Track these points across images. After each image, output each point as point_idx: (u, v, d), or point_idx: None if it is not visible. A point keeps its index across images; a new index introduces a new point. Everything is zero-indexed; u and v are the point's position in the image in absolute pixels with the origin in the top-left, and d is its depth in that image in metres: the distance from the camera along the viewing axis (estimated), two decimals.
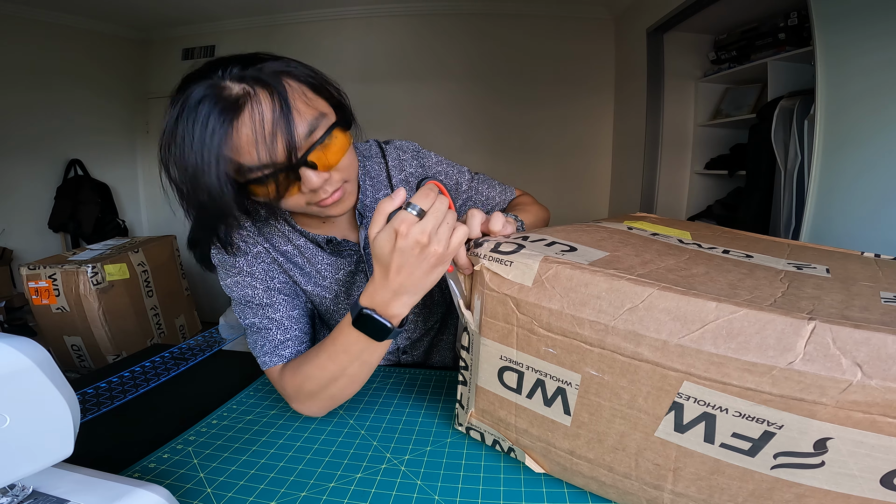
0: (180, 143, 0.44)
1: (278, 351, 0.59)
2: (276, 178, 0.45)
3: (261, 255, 0.60)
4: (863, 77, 1.25)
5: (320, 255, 0.63)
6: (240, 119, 0.43)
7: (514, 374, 0.42)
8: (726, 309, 0.31)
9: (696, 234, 0.53)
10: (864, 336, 0.27)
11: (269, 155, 0.43)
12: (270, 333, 0.59)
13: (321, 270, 0.64)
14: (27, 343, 0.31)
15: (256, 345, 0.60)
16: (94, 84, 2.77)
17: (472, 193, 0.71)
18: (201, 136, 0.42)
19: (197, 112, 0.43)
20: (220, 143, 0.42)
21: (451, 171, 0.70)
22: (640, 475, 0.37)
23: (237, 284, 0.59)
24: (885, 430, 0.27)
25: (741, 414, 0.31)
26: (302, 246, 0.62)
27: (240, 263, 0.59)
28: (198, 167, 0.43)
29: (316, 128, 0.46)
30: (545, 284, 0.38)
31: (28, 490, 0.34)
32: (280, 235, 0.61)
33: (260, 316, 0.60)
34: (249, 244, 0.60)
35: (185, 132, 0.43)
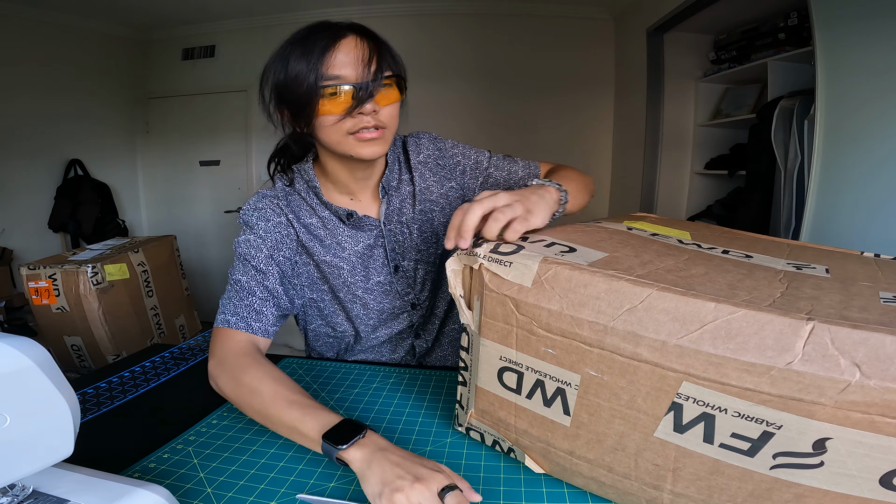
0: (290, 56, 0.56)
1: (247, 319, 0.62)
2: (349, 93, 0.56)
3: (281, 225, 0.66)
4: (863, 77, 1.25)
5: (341, 228, 0.68)
6: (343, 40, 0.56)
7: (514, 375, 0.42)
8: (725, 309, 0.31)
9: (696, 235, 0.53)
10: (863, 336, 0.27)
11: (355, 73, 0.56)
12: (250, 299, 0.62)
13: (341, 242, 0.68)
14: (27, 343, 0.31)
15: (230, 301, 0.63)
16: (95, 84, 2.77)
17: (492, 170, 0.74)
18: (310, 47, 0.55)
19: (309, 33, 0.57)
20: (323, 52, 0.55)
21: (468, 152, 0.74)
22: (639, 475, 0.37)
23: (246, 242, 0.65)
24: (884, 430, 0.27)
25: (740, 414, 0.31)
26: (325, 218, 0.68)
27: (259, 226, 0.65)
28: (300, 70, 0.55)
29: (386, 73, 0.58)
30: (544, 285, 0.38)
31: (28, 490, 0.35)
32: (307, 208, 0.68)
33: (249, 277, 0.63)
34: (275, 212, 0.66)
35: (297, 47, 0.56)
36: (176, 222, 3.10)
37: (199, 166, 3.08)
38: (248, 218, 0.66)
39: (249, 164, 3.01)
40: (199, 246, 3.14)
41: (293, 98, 0.57)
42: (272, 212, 0.66)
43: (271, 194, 0.68)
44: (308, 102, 0.56)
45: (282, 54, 0.58)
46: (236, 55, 2.92)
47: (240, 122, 2.97)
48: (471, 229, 0.43)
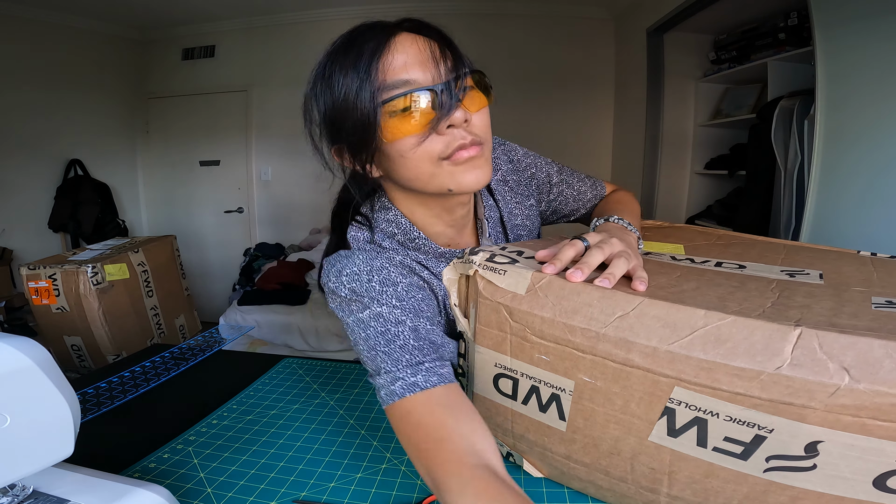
0: (332, 72, 0.43)
1: (437, 369, 0.43)
2: (428, 101, 0.41)
3: (414, 287, 0.48)
4: (863, 77, 1.25)
5: None
6: (398, 37, 0.42)
7: (509, 381, 0.42)
8: (715, 316, 0.31)
9: (690, 248, 0.53)
10: (850, 341, 0.27)
11: (428, 75, 0.42)
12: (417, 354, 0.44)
13: None
14: (27, 343, 0.31)
15: (390, 359, 0.44)
16: (95, 84, 2.77)
17: (563, 187, 0.65)
18: (357, 54, 0.41)
19: (351, 38, 0.43)
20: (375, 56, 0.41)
21: (540, 163, 0.64)
22: (635, 479, 0.38)
23: (376, 317, 0.45)
24: (876, 433, 0.27)
25: (732, 418, 0.31)
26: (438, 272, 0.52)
27: (387, 292, 0.46)
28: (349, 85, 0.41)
29: (467, 72, 0.44)
30: (538, 293, 0.38)
31: (28, 490, 0.35)
32: (423, 263, 0.52)
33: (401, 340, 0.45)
34: (401, 272, 0.48)
35: (339, 59, 0.42)
36: (176, 222, 3.11)
37: (199, 166, 3.09)
38: (362, 286, 0.45)
39: (249, 164, 3.01)
40: (199, 246, 3.15)
41: (350, 127, 0.42)
42: (396, 272, 0.47)
43: (375, 255, 0.48)
44: (369, 127, 0.41)
45: (322, 73, 0.43)
46: (236, 55, 2.93)
47: (240, 122, 2.97)
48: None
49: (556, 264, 0.39)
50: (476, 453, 0.37)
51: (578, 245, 0.41)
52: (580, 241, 0.42)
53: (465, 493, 0.34)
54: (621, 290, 0.36)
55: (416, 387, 0.42)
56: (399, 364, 0.43)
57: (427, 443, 0.38)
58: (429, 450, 0.38)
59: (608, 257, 0.40)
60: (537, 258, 0.42)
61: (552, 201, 0.65)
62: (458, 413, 0.40)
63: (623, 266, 0.38)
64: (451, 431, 0.38)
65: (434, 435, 0.38)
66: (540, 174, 0.64)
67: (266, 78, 2.90)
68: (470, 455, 0.36)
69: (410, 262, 0.50)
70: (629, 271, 0.39)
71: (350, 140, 0.43)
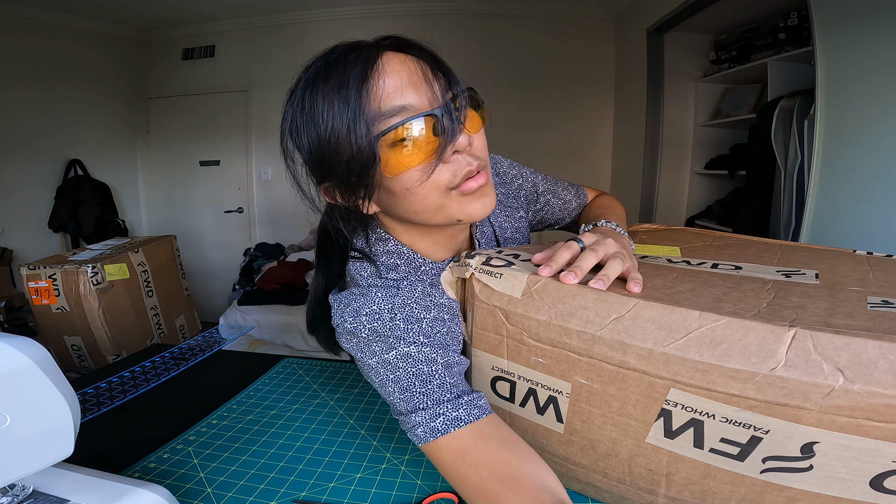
0: (312, 104, 0.38)
1: (476, 401, 0.41)
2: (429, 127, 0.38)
3: (438, 322, 0.44)
4: (863, 77, 1.25)
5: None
6: (384, 58, 0.37)
7: (507, 384, 0.43)
8: (709, 317, 0.31)
9: (686, 250, 0.53)
10: (845, 342, 0.27)
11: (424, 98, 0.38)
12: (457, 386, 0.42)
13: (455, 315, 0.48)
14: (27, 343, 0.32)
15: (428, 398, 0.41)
16: (94, 84, 2.78)
17: (549, 196, 0.64)
18: (341, 80, 0.36)
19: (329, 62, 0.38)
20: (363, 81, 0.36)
21: (525, 174, 0.63)
22: (633, 480, 0.38)
23: (405, 357, 0.42)
24: (871, 434, 0.27)
25: (728, 420, 0.31)
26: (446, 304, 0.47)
27: (412, 329, 0.43)
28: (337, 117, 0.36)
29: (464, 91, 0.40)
30: (534, 296, 0.38)
31: (28, 490, 0.35)
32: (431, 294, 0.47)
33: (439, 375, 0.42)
34: (422, 307, 0.45)
35: (319, 89, 0.37)
36: (176, 222, 3.11)
37: (199, 166, 3.09)
38: (384, 327, 0.43)
39: (249, 163, 3.01)
40: (199, 246, 3.15)
41: (342, 164, 0.38)
42: (419, 307, 0.44)
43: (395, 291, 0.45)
44: (367, 163, 0.37)
45: (300, 107, 0.39)
46: (236, 55, 2.93)
47: (240, 122, 2.98)
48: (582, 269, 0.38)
49: (551, 266, 0.39)
50: (547, 490, 0.35)
51: (574, 247, 0.41)
52: (576, 242, 0.42)
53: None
54: (616, 292, 0.36)
55: (459, 421, 0.39)
56: (440, 401, 0.41)
57: (492, 483, 0.36)
58: (495, 491, 0.35)
59: (603, 259, 0.40)
60: (533, 261, 0.42)
61: (539, 211, 0.65)
62: (514, 448, 0.38)
63: (618, 267, 0.38)
64: (516, 469, 0.36)
65: (499, 475, 0.36)
66: (527, 185, 0.63)
67: (266, 78, 2.90)
68: (543, 492, 0.35)
69: (429, 290, 0.46)
70: (624, 273, 0.39)
71: (343, 178, 0.39)
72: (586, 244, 0.41)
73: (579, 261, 0.39)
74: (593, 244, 0.41)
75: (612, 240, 0.42)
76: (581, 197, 0.68)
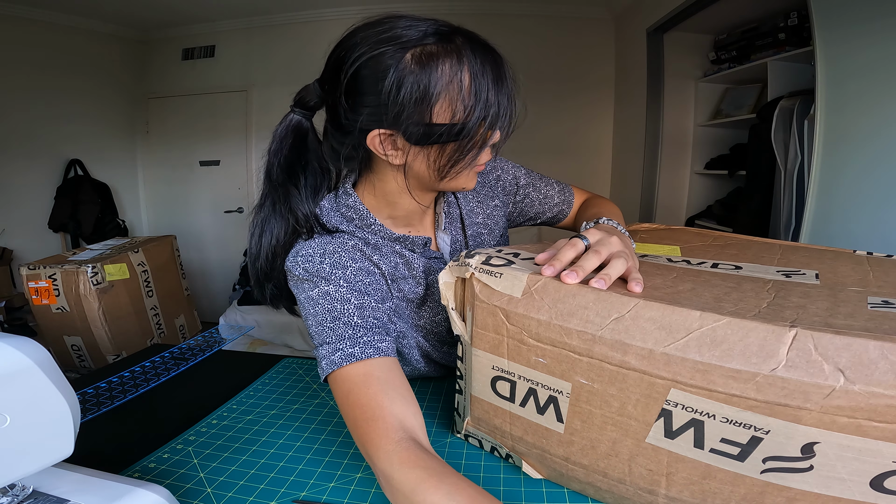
0: (442, 67, 0.44)
1: (376, 343, 0.47)
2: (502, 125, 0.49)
3: (362, 272, 0.52)
4: (863, 77, 1.25)
5: (416, 260, 0.57)
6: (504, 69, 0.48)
7: (507, 384, 0.43)
8: (710, 318, 0.31)
9: (686, 249, 0.53)
10: (846, 342, 0.27)
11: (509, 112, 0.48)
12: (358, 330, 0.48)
13: (417, 275, 0.58)
14: (27, 343, 0.31)
15: (334, 333, 0.47)
16: (94, 84, 2.78)
17: (529, 190, 0.69)
18: (496, 68, 0.47)
19: (485, 47, 0.48)
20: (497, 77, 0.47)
21: (506, 167, 0.69)
22: (633, 480, 0.38)
23: (324, 295, 0.49)
24: (871, 434, 0.27)
25: (728, 420, 0.31)
26: (400, 252, 0.56)
27: (336, 274, 0.50)
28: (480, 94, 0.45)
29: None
30: (534, 295, 0.38)
31: (28, 490, 0.35)
32: (377, 245, 0.55)
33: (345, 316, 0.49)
34: (353, 257, 0.52)
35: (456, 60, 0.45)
36: (176, 222, 3.11)
37: (199, 166, 3.09)
38: (314, 267, 0.50)
39: (249, 164, 3.01)
40: (199, 246, 3.15)
41: (456, 137, 0.45)
42: (348, 257, 0.51)
43: (329, 239, 0.52)
44: (474, 142, 0.46)
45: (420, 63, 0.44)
46: (236, 55, 2.93)
47: (240, 122, 2.98)
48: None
49: (555, 265, 0.40)
50: (405, 429, 0.42)
51: (579, 245, 0.41)
52: (580, 240, 0.42)
53: (391, 461, 0.39)
54: (617, 292, 0.36)
55: (353, 357, 0.46)
56: (342, 338, 0.47)
57: (363, 420, 0.43)
58: (361, 429, 0.43)
59: (606, 258, 0.40)
60: (537, 261, 0.42)
61: (518, 203, 0.69)
62: (391, 392, 0.44)
63: (620, 267, 0.39)
64: (383, 410, 0.43)
65: (369, 414, 0.43)
66: (506, 176, 0.67)
67: (266, 78, 2.90)
68: (399, 431, 0.41)
69: (362, 247, 0.54)
70: (625, 273, 0.39)
71: (436, 139, 0.46)
72: (591, 241, 0.42)
73: (582, 261, 0.39)
74: (597, 243, 0.41)
75: (616, 238, 0.42)
76: (566, 194, 0.71)
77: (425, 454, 0.40)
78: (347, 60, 0.46)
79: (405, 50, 0.44)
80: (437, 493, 0.36)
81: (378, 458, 0.40)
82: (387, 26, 0.45)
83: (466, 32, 0.48)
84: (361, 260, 0.52)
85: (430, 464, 0.38)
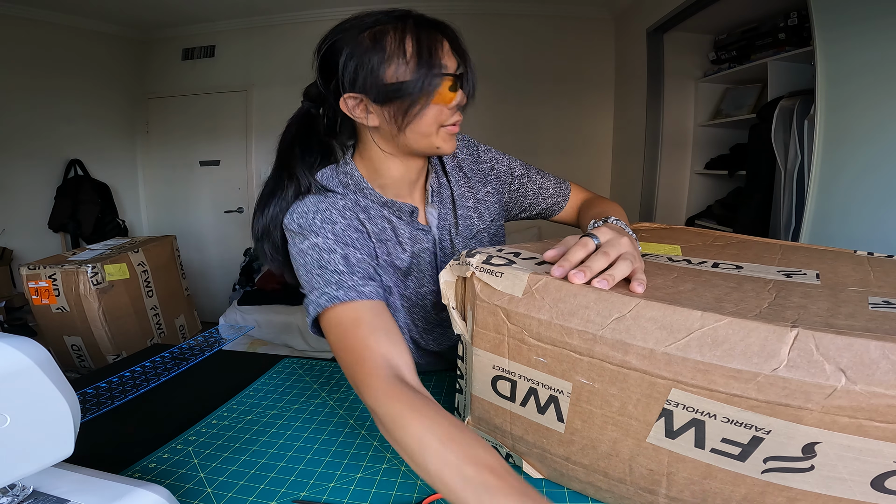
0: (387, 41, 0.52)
1: (359, 287, 0.51)
2: (457, 78, 0.55)
3: (351, 228, 0.58)
4: (863, 77, 1.25)
5: (402, 227, 0.63)
6: (439, 30, 0.54)
7: (508, 383, 0.43)
8: (711, 317, 0.31)
9: (687, 248, 0.53)
10: (847, 342, 0.27)
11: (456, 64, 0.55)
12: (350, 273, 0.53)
13: (403, 242, 0.63)
14: (27, 343, 0.31)
15: (321, 279, 0.52)
16: (94, 84, 2.78)
17: (524, 180, 0.72)
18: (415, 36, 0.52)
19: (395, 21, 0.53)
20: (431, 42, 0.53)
21: (502, 158, 0.72)
22: (634, 480, 0.38)
23: (314, 247, 0.54)
24: (872, 434, 0.27)
25: (729, 420, 0.31)
26: (388, 217, 0.62)
27: (326, 228, 0.55)
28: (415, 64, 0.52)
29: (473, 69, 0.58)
30: (535, 295, 0.38)
31: (28, 490, 0.35)
32: (367, 209, 0.61)
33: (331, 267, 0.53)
34: (342, 214, 0.58)
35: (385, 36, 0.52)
36: (176, 222, 3.11)
37: (199, 166, 3.09)
38: (307, 222, 0.56)
39: (249, 164, 3.01)
40: (199, 246, 3.15)
41: (398, 87, 0.52)
42: (338, 214, 0.57)
43: (322, 198, 0.58)
44: (420, 97, 0.52)
45: (374, 40, 0.52)
46: (236, 55, 2.92)
47: (240, 122, 2.97)
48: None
49: (564, 266, 0.40)
50: (391, 367, 0.45)
51: (589, 245, 0.42)
52: (591, 239, 0.42)
53: (377, 396, 0.43)
54: (618, 291, 0.36)
55: (337, 299, 0.50)
56: (329, 283, 0.52)
57: (352, 362, 0.47)
58: (353, 368, 0.47)
59: (613, 259, 0.40)
60: (545, 258, 0.42)
61: (513, 192, 0.73)
62: (378, 332, 0.48)
63: (625, 269, 0.39)
64: (372, 352, 0.46)
65: (358, 356, 0.47)
66: (500, 167, 0.72)
67: (266, 78, 2.90)
68: (385, 369, 0.45)
69: (353, 207, 0.60)
70: (630, 273, 0.39)
71: (399, 104, 0.53)
72: (601, 241, 0.42)
73: (591, 261, 0.40)
74: (607, 244, 0.41)
75: (626, 240, 0.42)
76: (561, 187, 0.74)
77: (409, 390, 0.43)
78: (322, 47, 0.55)
79: (361, 31, 0.53)
80: (416, 424, 0.39)
81: (367, 394, 0.45)
82: (353, 19, 0.54)
83: (419, 15, 0.55)
84: (351, 218, 0.59)
85: (413, 398, 0.42)
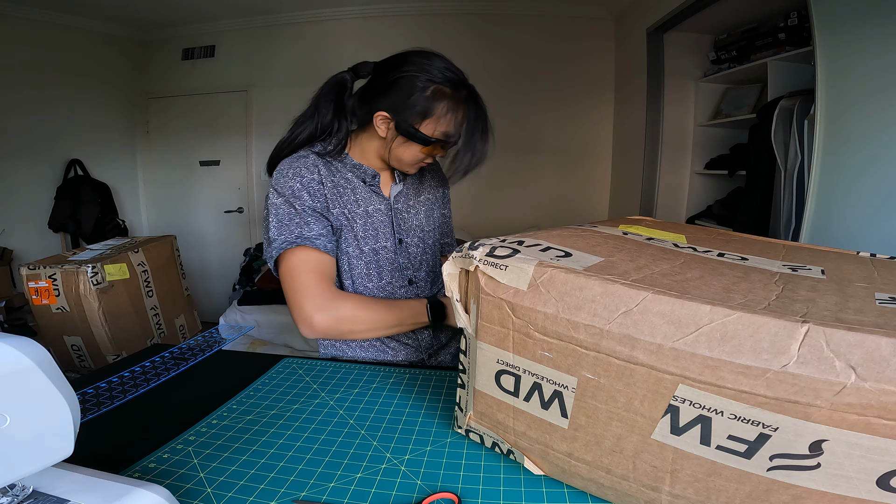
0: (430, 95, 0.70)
1: (313, 240, 0.71)
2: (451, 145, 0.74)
3: (314, 182, 0.74)
4: (863, 77, 1.25)
5: (361, 187, 0.79)
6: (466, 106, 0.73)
7: (511, 378, 0.42)
8: (720, 312, 0.31)
9: (692, 238, 0.53)
10: (858, 338, 0.27)
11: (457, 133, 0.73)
12: (308, 226, 0.72)
13: (358, 199, 0.78)
14: (27, 343, 0.31)
15: (285, 227, 0.71)
16: (94, 84, 2.77)
17: (446, 210, 0.95)
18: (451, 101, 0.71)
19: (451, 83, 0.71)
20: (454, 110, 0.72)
21: (449, 205, 0.96)
22: (637, 477, 0.37)
23: (290, 189, 0.72)
24: (881, 432, 0.27)
25: (736, 416, 0.31)
26: (349, 178, 0.79)
27: (294, 185, 0.73)
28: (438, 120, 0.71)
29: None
30: (540, 288, 0.38)
31: (28, 490, 0.35)
32: (336, 168, 0.78)
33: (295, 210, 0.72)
34: (309, 170, 0.74)
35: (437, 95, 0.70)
36: (176, 222, 3.10)
37: (199, 166, 3.08)
38: (283, 178, 0.73)
39: (249, 164, 3.01)
40: (199, 246, 3.15)
41: (417, 138, 0.71)
42: (306, 169, 0.74)
43: (304, 155, 0.76)
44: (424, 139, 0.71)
45: (429, 103, 0.69)
46: (236, 55, 2.93)
47: (240, 122, 2.97)
48: None
49: None
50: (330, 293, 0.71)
51: None
52: None
53: (315, 305, 0.70)
54: (624, 284, 0.35)
55: (291, 244, 0.70)
56: (291, 234, 0.71)
57: (296, 295, 0.70)
58: (295, 300, 0.70)
59: None
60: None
61: (443, 224, 0.93)
62: (321, 274, 0.71)
63: None
64: (312, 288, 0.70)
65: (301, 290, 0.70)
66: (447, 190, 0.93)
67: (266, 78, 2.90)
68: (324, 294, 0.70)
69: (320, 164, 0.76)
70: None
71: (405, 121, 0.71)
72: None
73: None
74: None
75: None
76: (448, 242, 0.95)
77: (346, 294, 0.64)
78: (398, 68, 0.70)
79: (431, 83, 0.69)
80: (347, 302, 0.68)
81: (303, 308, 0.67)
82: (431, 61, 0.70)
83: (470, 88, 0.73)
84: (315, 172, 0.74)
85: (345, 293, 0.61)
